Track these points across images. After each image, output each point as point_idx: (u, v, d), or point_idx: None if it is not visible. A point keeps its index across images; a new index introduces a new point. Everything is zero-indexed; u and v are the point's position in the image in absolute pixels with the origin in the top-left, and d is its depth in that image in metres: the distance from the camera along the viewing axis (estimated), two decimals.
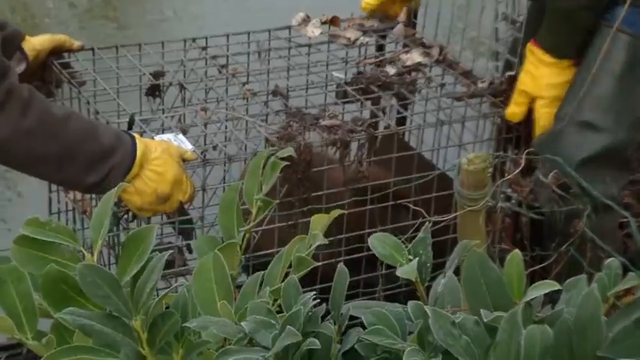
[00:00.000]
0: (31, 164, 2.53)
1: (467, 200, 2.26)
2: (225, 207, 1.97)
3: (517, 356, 1.35)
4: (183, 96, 2.92)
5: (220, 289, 1.66)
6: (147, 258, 1.61)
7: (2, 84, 2.33)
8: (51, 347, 1.69)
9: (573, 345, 1.42)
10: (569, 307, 1.46)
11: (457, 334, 1.40)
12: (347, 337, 1.52)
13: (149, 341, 1.58)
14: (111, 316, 1.57)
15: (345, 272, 1.64)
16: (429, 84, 3.03)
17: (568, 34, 2.90)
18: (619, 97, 2.95)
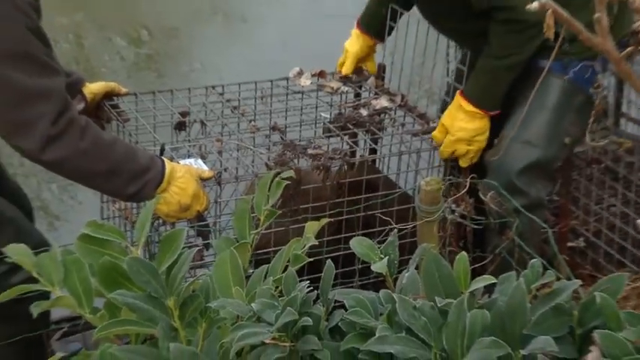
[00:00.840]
0: (85, 177, 2.56)
1: (425, 213, 2.28)
2: (240, 215, 1.98)
3: (463, 333, 1.34)
4: (203, 130, 2.96)
5: (235, 277, 1.66)
6: (178, 253, 1.61)
7: (65, 115, 2.34)
8: (104, 320, 1.69)
9: (505, 325, 1.40)
10: (502, 297, 1.45)
11: (417, 316, 1.39)
12: (333, 317, 1.51)
13: (180, 317, 1.58)
14: (150, 297, 1.57)
15: (332, 267, 1.64)
16: (393, 123, 3.10)
17: (489, 90, 2.92)
18: (550, 125, 2.98)
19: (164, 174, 2.52)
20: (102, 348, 1.61)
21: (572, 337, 1.48)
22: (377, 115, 3.06)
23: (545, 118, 2.98)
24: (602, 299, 1.46)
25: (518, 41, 2.83)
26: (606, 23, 1.53)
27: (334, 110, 3.17)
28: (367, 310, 1.45)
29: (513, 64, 2.88)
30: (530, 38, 2.83)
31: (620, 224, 3.07)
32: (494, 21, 2.84)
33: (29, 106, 2.30)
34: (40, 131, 2.31)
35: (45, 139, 2.32)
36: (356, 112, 3.05)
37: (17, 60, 2.30)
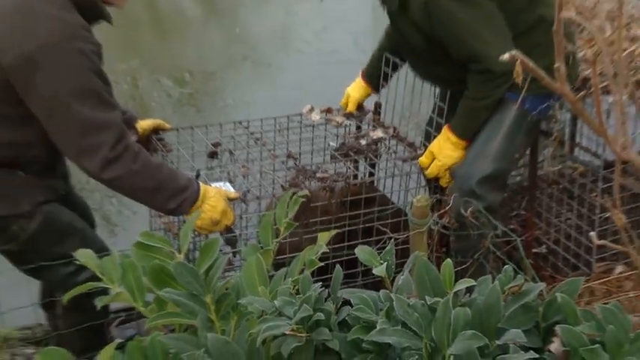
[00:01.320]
0: (135, 193, 2.56)
1: (416, 225, 2.27)
2: (264, 226, 1.97)
3: (448, 327, 1.34)
4: (231, 158, 2.98)
5: (260, 278, 1.66)
6: (214, 258, 1.61)
7: (122, 142, 2.36)
8: (153, 312, 1.70)
9: (483, 321, 1.41)
10: (480, 297, 1.46)
11: (411, 312, 1.39)
12: (341, 312, 1.52)
13: (215, 311, 1.59)
14: (192, 295, 1.58)
15: (340, 271, 1.66)
16: (387, 151, 3.10)
17: (470, 125, 2.92)
18: (505, 144, 2.97)
19: (199, 194, 2.54)
20: (152, 335, 1.62)
21: (537, 330, 1.49)
22: (374, 144, 3.06)
23: (502, 138, 2.97)
24: (563, 299, 1.47)
25: (491, 87, 2.84)
26: (564, 71, 1.53)
27: (339, 140, 3.17)
28: (369, 307, 1.46)
29: (488, 105, 2.89)
30: (501, 84, 2.84)
31: (575, 234, 3.07)
32: (471, 71, 2.85)
33: (93, 135, 2.33)
34: (100, 155, 2.33)
35: (105, 161, 2.34)
36: (357, 142, 3.06)
37: (83, 97, 2.32)
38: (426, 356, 1.34)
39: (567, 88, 1.69)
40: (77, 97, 2.31)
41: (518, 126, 3.01)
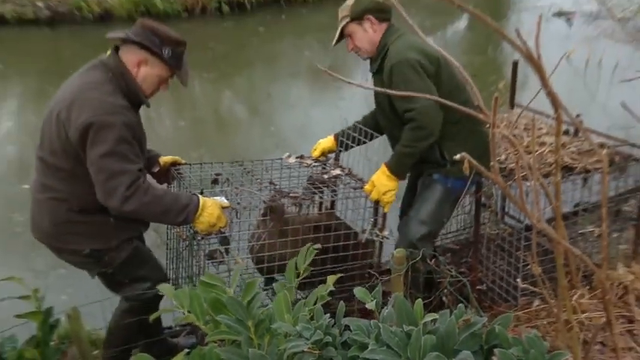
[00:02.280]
0: (151, 217, 2.52)
1: (395, 270, 2.23)
2: (289, 268, 1.90)
3: (420, 349, 1.32)
4: (228, 184, 2.86)
5: (286, 309, 1.64)
6: (254, 294, 1.59)
7: (135, 183, 2.32)
8: (210, 329, 1.68)
9: (444, 344, 1.39)
10: (442, 326, 1.44)
11: (393, 337, 1.37)
12: (343, 335, 1.49)
13: (254, 332, 1.57)
14: (238, 319, 1.56)
15: (343, 306, 1.60)
16: (342, 182, 2.99)
17: (399, 165, 2.81)
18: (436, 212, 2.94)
19: (199, 206, 2.46)
20: (209, 347, 1.61)
21: (482, 352, 1.47)
22: (333, 178, 2.98)
23: (433, 207, 2.95)
24: (499, 329, 1.46)
25: (416, 138, 2.75)
26: (497, 166, 1.53)
27: (308, 175, 3.13)
28: (363, 332, 1.45)
29: (412, 153, 2.79)
30: (423, 138, 2.76)
31: (506, 277, 3.04)
32: (406, 124, 2.77)
33: (113, 180, 2.31)
34: (119, 194, 2.30)
35: (123, 198, 2.30)
36: (321, 176, 3.01)
37: (111, 155, 2.31)
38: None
39: (499, 178, 1.70)
40: (108, 156, 2.31)
41: (444, 200, 2.98)
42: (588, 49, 7.77)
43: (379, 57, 2.90)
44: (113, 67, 2.45)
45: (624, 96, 2.57)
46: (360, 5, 2.86)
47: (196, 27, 10.38)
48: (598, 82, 7.48)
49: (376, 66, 2.92)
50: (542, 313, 2.85)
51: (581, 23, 9.65)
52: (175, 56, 2.52)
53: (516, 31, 1.97)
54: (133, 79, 2.47)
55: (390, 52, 2.83)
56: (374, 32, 2.89)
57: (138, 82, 2.49)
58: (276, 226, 2.75)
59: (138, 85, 2.49)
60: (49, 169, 2.49)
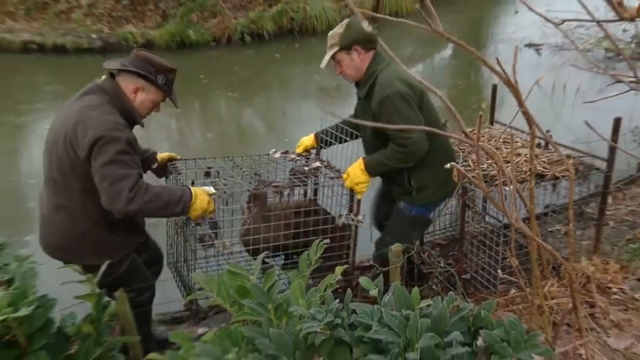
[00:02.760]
0: (152, 213, 2.42)
1: (394, 262, 2.20)
2: (302, 260, 1.85)
3: (417, 330, 1.30)
4: (218, 176, 2.80)
5: (300, 294, 1.61)
6: (273, 281, 1.58)
7: (136, 185, 2.24)
8: (236, 311, 1.66)
9: (437, 326, 1.37)
10: (435, 310, 1.42)
11: (393, 320, 1.35)
12: (350, 318, 1.47)
13: (274, 314, 1.55)
14: (260, 303, 1.54)
15: (350, 294, 1.56)
16: (323, 174, 2.91)
17: (376, 168, 2.74)
18: (402, 234, 2.82)
19: (191, 196, 2.39)
20: (234, 326, 1.59)
21: (469, 332, 1.44)
22: (314, 170, 2.90)
23: (399, 232, 2.87)
24: (484, 313, 1.44)
25: (398, 158, 2.69)
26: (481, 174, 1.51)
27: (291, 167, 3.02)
28: (368, 315, 1.42)
29: (389, 165, 2.71)
30: (406, 162, 2.71)
31: (487, 268, 3.00)
32: (393, 144, 2.68)
33: (117, 184, 2.23)
34: (124, 197, 2.23)
35: (128, 200, 2.23)
36: (302, 168, 2.93)
37: (112, 164, 2.24)
38: (402, 348, 1.30)
39: (483, 184, 1.69)
40: (110, 163, 2.24)
41: (411, 225, 2.94)
42: (554, 75, 7.80)
43: (367, 83, 2.77)
44: (109, 90, 2.39)
45: (585, 115, 2.54)
46: (348, 36, 2.72)
47: (222, 54, 10.40)
48: (563, 103, 7.52)
49: (364, 91, 2.79)
50: (518, 299, 2.82)
51: (549, 54, 9.67)
52: (168, 83, 2.47)
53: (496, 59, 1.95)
54: (129, 101, 2.41)
55: (380, 81, 2.70)
56: (361, 61, 2.75)
57: (135, 105, 2.43)
58: (259, 212, 2.68)
59: (134, 108, 2.43)
60: (61, 189, 2.41)
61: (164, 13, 10.89)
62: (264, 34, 11.17)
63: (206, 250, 2.74)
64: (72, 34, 10.25)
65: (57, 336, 1.55)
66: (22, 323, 1.43)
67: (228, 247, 2.74)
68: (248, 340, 1.55)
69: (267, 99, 8.72)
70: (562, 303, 2.69)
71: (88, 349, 1.58)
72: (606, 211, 3.41)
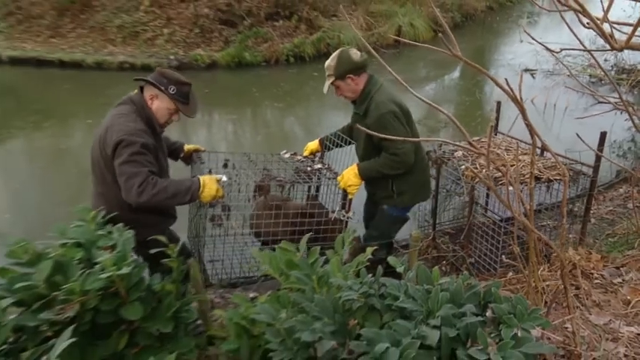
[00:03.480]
0: (162, 203, 2.27)
1: (413, 245, 2.16)
2: (338, 242, 1.81)
3: (437, 301, 1.28)
4: (234, 167, 2.70)
5: (337, 270, 1.60)
6: (316, 257, 1.56)
7: (145, 181, 2.18)
8: (284, 280, 1.65)
9: (454, 299, 1.35)
10: (451, 286, 1.39)
11: (417, 292, 1.33)
12: (380, 289, 1.44)
13: (317, 283, 1.54)
14: (305, 274, 1.53)
15: (381, 270, 1.53)
16: (324, 174, 2.81)
17: (369, 174, 2.67)
18: (385, 231, 2.84)
19: (199, 184, 2.29)
20: (282, 292, 1.58)
21: (480, 306, 1.41)
22: (316, 170, 2.80)
23: (382, 229, 2.84)
24: (494, 290, 1.41)
25: (390, 166, 2.64)
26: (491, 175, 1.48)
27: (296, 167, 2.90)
28: (396, 288, 1.40)
29: (382, 172, 2.66)
30: (396, 170, 2.66)
31: (489, 254, 2.95)
32: (386, 154, 2.64)
33: (130, 180, 2.20)
34: (134, 191, 2.19)
35: (138, 194, 2.19)
36: (305, 168, 2.82)
37: (128, 163, 2.22)
38: (425, 316, 1.28)
39: (492, 184, 1.65)
40: (128, 162, 2.21)
41: (391, 224, 2.90)
42: (546, 95, 7.73)
43: (365, 102, 2.70)
44: (137, 101, 2.37)
45: (572, 130, 2.48)
46: (340, 69, 2.65)
47: (271, 72, 10.44)
48: (553, 119, 7.37)
49: (363, 109, 2.72)
50: (514, 280, 2.75)
51: (542, 77, 9.42)
52: (180, 93, 2.40)
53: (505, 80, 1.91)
54: (150, 110, 2.37)
55: (376, 100, 2.65)
56: (355, 84, 2.68)
57: (153, 112, 2.40)
58: (264, 201, 2.60)
59: (154, 116, 2.39)
60: (99, 180, 2.40)
61: (226, 39, 11.06)
62: (305, 56, 11.22)
63: (218, 229, 2.66)
64: (155, 56, 10.56)
65: (147, 291, 1.58)
66: (122, 279, 1.46)
67: (235, 228, 2.67)
68: (293, 303, 1.54)
69: (306, 109, 8.72)
70: (551, 285, 2.63)
71: (170, 303, 1.61)
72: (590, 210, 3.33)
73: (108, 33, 11.11)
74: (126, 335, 1.53)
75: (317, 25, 11.62)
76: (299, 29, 11.56)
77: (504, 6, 17.26)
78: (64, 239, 1.61)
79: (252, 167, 2.72)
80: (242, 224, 2.68)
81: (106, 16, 11.32)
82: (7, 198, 5.06)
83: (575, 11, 1.93)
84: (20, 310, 1.40)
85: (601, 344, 2.15)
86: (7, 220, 4.60)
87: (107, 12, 11.41)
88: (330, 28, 11.61)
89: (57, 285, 1.42)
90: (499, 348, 1.19)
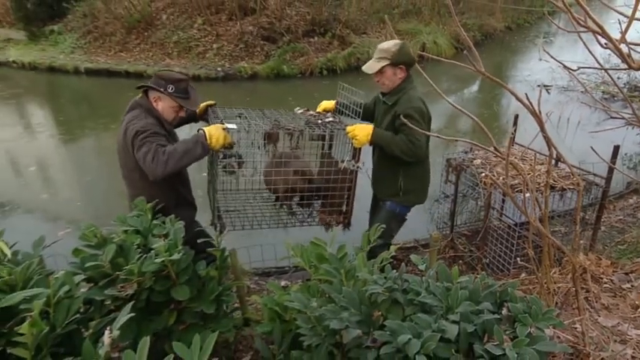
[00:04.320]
0: (179, 164, 2.12)
1: (433, 245, 2.12)
2: (364, 237, 1.75)
3: (457, 298, 1.25)
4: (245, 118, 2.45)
5: (364, 263, 1.58)
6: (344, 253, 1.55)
7: (156, 156, 2.12)
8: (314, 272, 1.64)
9: (472, 297, 1.31)
10: (469, 285, 1.35)
11: (436, 288, 1.30)
12: (403, 285, 1.40)
13: (345, 276, 1.52)
14: (334, 267, 1.51)
15: (404, 267, 1.48)
16: (334, 124, 2.49)
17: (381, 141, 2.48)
18: (388, 228, 2.61)
19: (205, 136, 2.15)
20: (312, 282, 1.57)
21: (496, 304, 1.36)
22: (328, 123, 2.50)
23: (385, 222, 2.48)
24: (510, 289, 1.36)
25: (404, 152, 2.48)
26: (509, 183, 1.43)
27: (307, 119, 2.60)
28: (418, 284, 1.37)
29: (392, 150, 2.49)
30: (406, 156, 2.49)
31: (503, 255, 2.86)
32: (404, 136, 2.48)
33: (145, 160, 2.12)
34: (149, 166, 2.11)
35: (153, 168, 2.10)
36: (316, 120, 2.54)
37: (143, 145, 2.14)
38: (445, 311, 1.25)
39: (510, 191, 1.60)
40: (140, 149, 2.13)
41: (393, 219, 2.73)
42: (560, 110, 7.47)
43: (396, 95, 2.57)
44: (144, 104, 2.32)
45: (584, 143, 2.38)
46: (400, 56, 2.50)
47: (306, 83, 10.49)
48: (566, 132, 7.12)
49: (393, 100, 2.57)
50: (526, 281, 2.67)
51: (557, 93, 9.13)
52: (179, 90, 2.33)
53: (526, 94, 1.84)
54: (156, 111, 2.32)
55: (409, 95, 2.53)
56: (399, 78, 2.56)
57: (160, 112, 2.33)
58: (275, 158, 2.42)
59: (160, 115, 2.33)
60: (125, 168, 2.35)
61: (267, 53, 11.21)
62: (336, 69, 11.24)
63: (229, 175, 2.44)
64: (205, 68, 10.83)
65: (194, 276, 1.60)
66: (173, 264, 1.49)
67: (247, 175, 2.47)
68: (322, 293, 1.53)
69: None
70: (562, 287, 2.53)
71: (213, 287, 1.62)
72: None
73: (166, 47, 11.54)
74: (175, 313, 1.56)
75: (348, 42, 11.62)
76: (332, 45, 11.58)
77: (522, 27, 16.86)
78: (125, 227, 1.65)
79: (264, 119, 2.50)
80: (253, 173, 2.49)
81: (165, 33, 11.73)
82: (79, 188, 5.27)
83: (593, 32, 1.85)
84: (89, 285, 1.45)
85: (609, 345, 2.05)
86: (79, 208, 4.80)
87: (166, 29, 11.80)
88: (360, 44, 11.60)
89: (119, 266, 1.46)
90: (514, 344, 1.14)
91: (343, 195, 2.56)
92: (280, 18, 11.45)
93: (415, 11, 13.46)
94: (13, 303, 1.17)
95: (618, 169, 2.70)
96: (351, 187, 2.53)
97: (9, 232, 1.59)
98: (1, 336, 1.17)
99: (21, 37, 12.44)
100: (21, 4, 12.19)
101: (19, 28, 12.53)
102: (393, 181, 2.72)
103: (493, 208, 3.05)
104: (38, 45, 12.04)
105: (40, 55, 11.51)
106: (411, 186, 2.71)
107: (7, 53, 11.81)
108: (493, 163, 3.01)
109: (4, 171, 5.87)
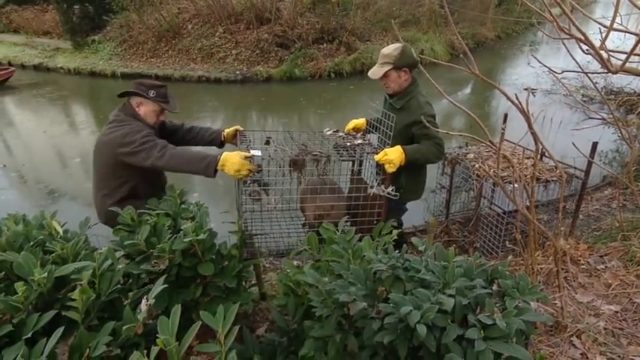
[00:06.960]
0: (178, 168, 1.98)
1: (430, 230, 2.11)
2: (377, 228, 1.71)
3: (453, 275, 1.25)
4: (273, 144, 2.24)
5: (368, 246, 1.56)
6: (352, 236, 1.54)
7: (166, 145, 2.00)
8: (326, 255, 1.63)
9: (466, 274, 1.30)
10: (464, 264, 1.34)
11: (434, 266, 1.30)
12: (405, 263, 1.39)
13: (353, 257, 1.51)
14: (343, 248, 1.51)
15: (406, 248, 1.49)
16: (364, 149, 2.27)
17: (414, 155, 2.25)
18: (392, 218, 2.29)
19: (217, 159, 1.93)
20: (323, 262, 1.56)
21: (487, 280, 1.36)
22: (356, 145, 2.29)
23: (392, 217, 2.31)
24: (500, 268, 1.34)
25: (434, 151, 2.32)
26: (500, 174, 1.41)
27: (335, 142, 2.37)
28: (418, 263, 1.36)
29: (424, 154, 2.31)
30: (435, 155, 2.33)
31: (492, 240, 2.84)
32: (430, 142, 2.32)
33: (151, 150, 1.98)
34: (155, 156, 1.97)
35: (158, 157, 1.97)
36: (345, 143, 2.33)
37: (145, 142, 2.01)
38: (442, 287, 1.24)
39: (501, 181, 1.58)
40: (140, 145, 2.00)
41: (394, 212, 2.49)
42: (545, 111, 7.40)
43: (405, 99, 2.42)
44: (127, 110, 2.19)
45: (565, 140, 2.33)
46: (402, 59, 2.36)
47: (315, 85, 10.44)
48: (549, 131, 7.06)
49: (401, 104, 2.44)
50: (512, 262, 2.66)
51: (541, 95, 9.02)
52: (160, 95, 2.20)
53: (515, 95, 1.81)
54: (139, 116, 2.20)
55: (419, 101, 2.39)
56: (404, 80, 2.42)
57: (142, 117, 2.20)
58: (298, 177, 2.17)
59: (143, 119, 2.20)
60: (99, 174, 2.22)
61: (280, 58, 11.18)
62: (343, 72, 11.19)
63: (254, 204, 2.20)
64: (225, 72, 10.85)
65: (217, 254, 1.61)
66: (199, 243, 1.49)
67: (273, 203, 2.20)
68: (331, 271, 1.53)
69: (343, 115, 8.65)
70: (544, 268, 2.51)
71: (234, 265, 1.63)
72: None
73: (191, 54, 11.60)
74: (201, 287, 1.57)
75: (354, 48, 11.56)
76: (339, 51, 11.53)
77: (511, 36, 16.68)
78: (158, 210, 1.66)
79: (291, 143, 2.31)
80: (280, 200, 2.26)
81: (191, 41, 11.78)
82: None
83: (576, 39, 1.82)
84: (127, 261, 1.48)
85: (585, 318, 2.05)
86: None
87: (191, 38, 11.85)
88: (364, 50, 11.54)
89: (152, 244, 1.47)
90: (503, 315, 1.14)
91: (372, 221, 2.33)
92: (293, 27, 11.40)
93: (414, 21, 13.32)
94: (66, 273, 1.21)
95: (597, 163, 2.66)
96: (381, 214, 2.33)
97: (59, 214, 1.63)
98: (57, 301, 1.21)
99: (67, 46, 12.85)
100: (68, 18, 12.61)
101: (66, 38, 12.97)
102: (394, 178, 2.53)
103: (484, 197, 3.03)
104: (82, 53, 12.37)
105: (83, 62, 11.83)
106: (412, 185, 2.62)
107: (55, 60, 12.18)
108: (485, 157, 2.98)
109: (54, 162, 5.99)
